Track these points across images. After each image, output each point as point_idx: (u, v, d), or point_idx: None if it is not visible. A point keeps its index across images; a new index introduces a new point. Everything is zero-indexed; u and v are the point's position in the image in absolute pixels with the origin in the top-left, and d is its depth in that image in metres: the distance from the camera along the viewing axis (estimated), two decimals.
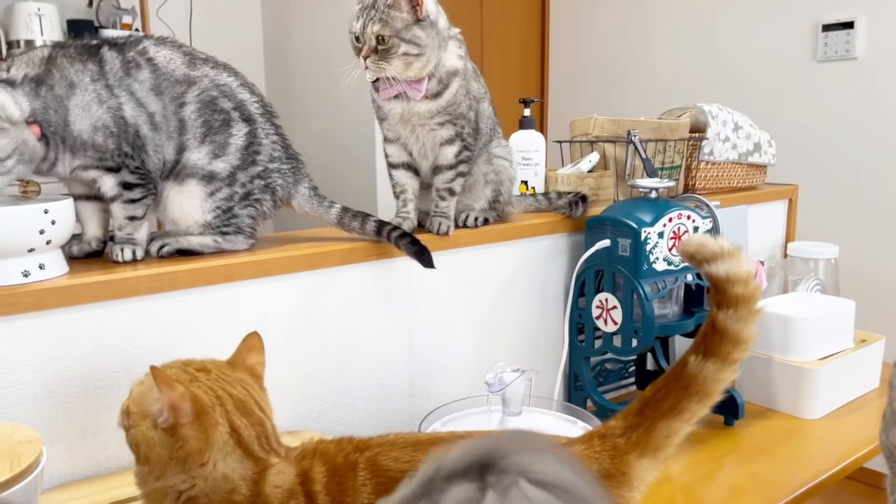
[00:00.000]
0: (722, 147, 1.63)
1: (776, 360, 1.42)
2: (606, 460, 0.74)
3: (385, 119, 1.16)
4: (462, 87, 1.15)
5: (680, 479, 1.22)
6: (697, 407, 0.75)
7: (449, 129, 1.15)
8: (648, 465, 0.75)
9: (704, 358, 0.75)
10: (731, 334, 0.75)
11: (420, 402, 1.24)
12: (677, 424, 0.75)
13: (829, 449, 1.29)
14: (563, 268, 1.40)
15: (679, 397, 0.75)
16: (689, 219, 1.32)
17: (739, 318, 0.75)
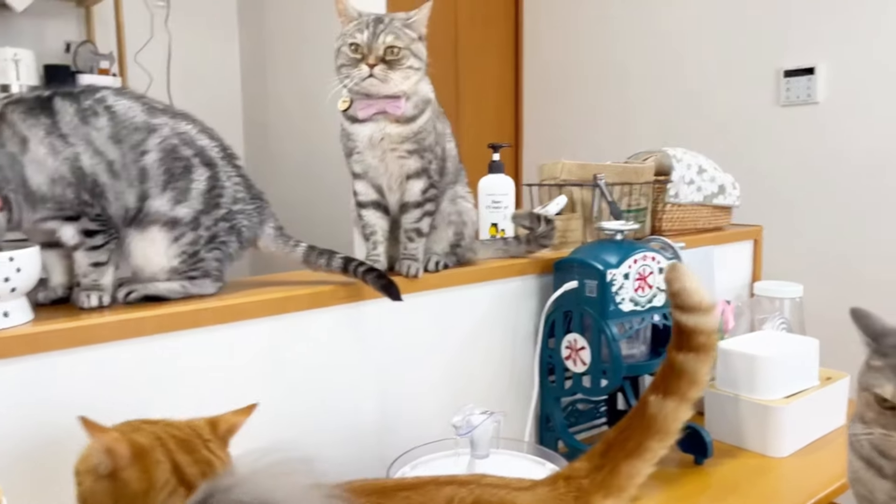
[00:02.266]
0: (687, 189, 1.68)
1: (743, 398, 1.44)
2: (571, 501, 0.75)
3: (354, 149, 1.18)
4: (432, 119, 1.19)
5: None
6: (659, 446, 0.77)
7: (416, 160, 1.17)
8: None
9: (664, 397, 0.77)
10: (689, 374, 0.77)
11: (391, 445, 1.24)
12: (640, 465, 0.77)
13: (798, 486, 1.30)
14: (532, 309, 1.42)
15: (642, 438, 0.77)
16: (654, 260, 1.35)
17: (698, 360, 0.77)
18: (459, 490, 0.78)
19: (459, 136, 2.87)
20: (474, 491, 0.77)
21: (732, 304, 1.68)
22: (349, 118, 1.17)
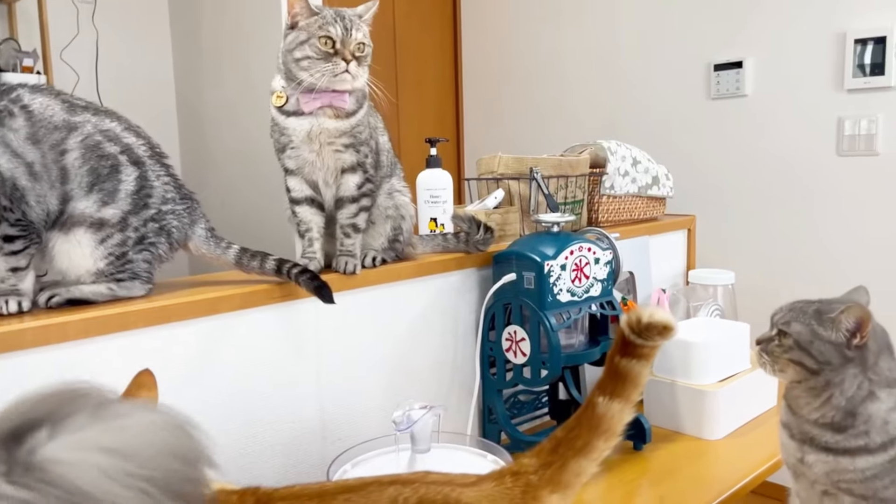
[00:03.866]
0: (622, 181, 1.71)
1: (679, 383, 1.48)
2: (518, 497, 0.76)
3: (288, 144, 1.16)
4: (368, 113, 1.18)
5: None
6: (605, 446, 0.79)
7: (352, 154, 1.16)
8: (558, 501, 0.77)
9: (611, 399, 0.79)
10: (633, 378, 0.79)
11: (332, 445, 1.22)
12: (587, 463, 0.78)
13: (732, 467, 1.34)
14: (472, 302, 1.42)
15: (590, 437, 0.79)
16: (590, 251, 1.37)
17: (641, 366, 0.79)
18: (403, 490, 0.77)
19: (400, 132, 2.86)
20: (418, 490, 0.77)
21: (667, 293, 1.72)
22: (284, 113, 1.15)
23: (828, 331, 0.88)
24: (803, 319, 0.90)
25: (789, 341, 0.90)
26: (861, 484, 0.87)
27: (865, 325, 0.87)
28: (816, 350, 0.88)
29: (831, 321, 0.88)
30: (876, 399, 0.87)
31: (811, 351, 0.88)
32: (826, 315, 0.89)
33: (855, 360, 0.87)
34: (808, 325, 0.89)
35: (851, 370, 0.87)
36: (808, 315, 0.90)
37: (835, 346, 0.88)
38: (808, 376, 0.89)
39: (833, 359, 0.88)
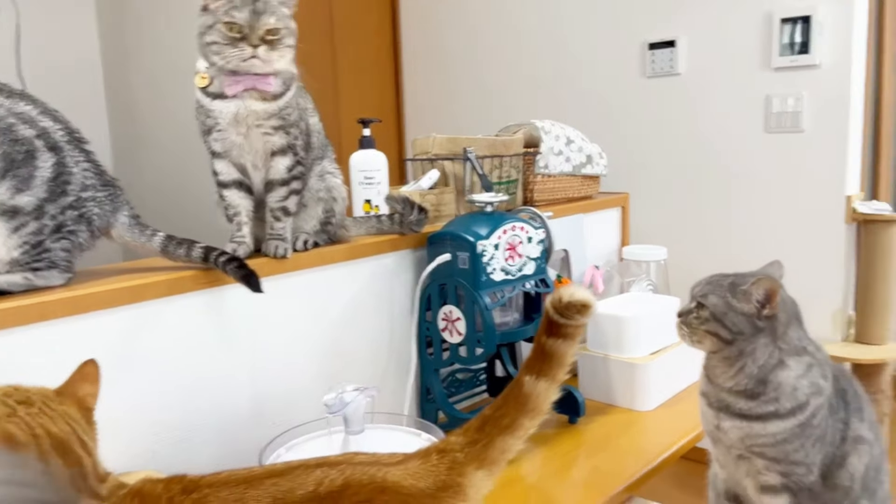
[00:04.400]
0: (556, 160, 1.73)
1: (612, 357, 1.52)
2: (444, 473, 0.77)
3: (214, 127, 1.13)
4: (297, 94, 1.17)
5: (530, 478, 1.27)
6: (530, 424, 0.81)
7: (282, 136, 1.14)
8: (484, 477, 0.79)
9: (537, 378, 0.80)
10: (558, 358, 0.81)
11: (267, 430, 1.22)
12: (513, 440, 0.80)
13: (664, 436, 1.39)
14: (408, 283, 1.43)
15: (516, 415, 0.80)
16: (523, 230, 1.39)
17: (567, 345, 0.81)
18: (330, 471, 0.77)
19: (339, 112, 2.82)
20: (345, 471, 0.78)
21: (601, 269, 1.76)
22: (209, 95, 1.13)
23: (740, 302, 0.92)
24: (719, 292, 0.93)
25: (706, 313, 0.93)
26: (772, 447, 0.91)
27: (774, 297, 0.90)
28: (730, 321, 0.92)
29: (743, 293, 0.92)
30: (786, 367, 0.91)
31: (725, 322, 0.92)
32: (739, 287, 0.92)
33: (765, 330, 0.91)
34: (723, 297, 0.93)
35: (762, 340, 0.91)
36: (724, 288, 0.93)
37: (747, 316, 0.91)
38: (722, 346, 0.92)
39: (745, 329, 0.91)
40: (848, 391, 0.96)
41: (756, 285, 0.91)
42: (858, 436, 0.93)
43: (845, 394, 0.95)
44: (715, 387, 0.96)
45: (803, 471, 0.91)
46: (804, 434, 0.90)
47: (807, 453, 0.90)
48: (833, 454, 0.92)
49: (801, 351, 0.92)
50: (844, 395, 0.95)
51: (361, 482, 0.76)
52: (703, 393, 0.99)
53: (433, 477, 0.77)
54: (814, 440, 0.90)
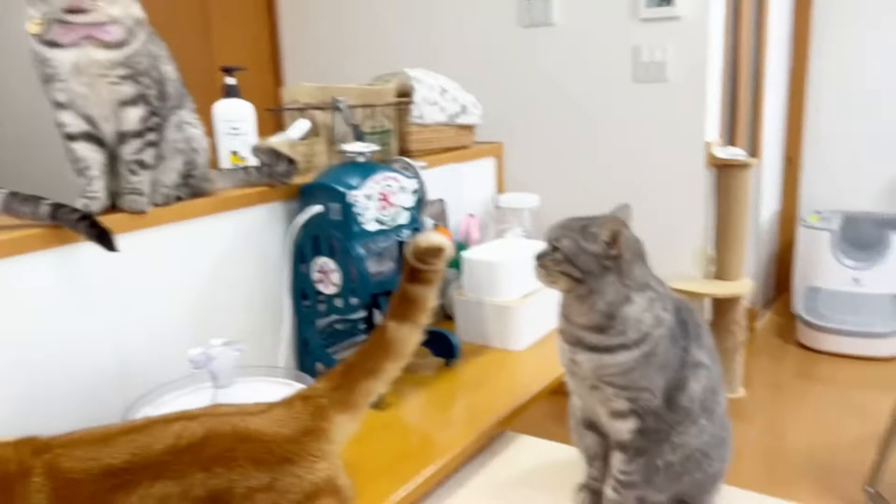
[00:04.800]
0: (430, 110, 1.74)
1: (486, 301, 1.57)
2: (307, 419, 0.78)
3: (55, 76, 1.06)
4: (148, 41, 1.10)
5: (409, 419, 1.31)
6: (393, 367, 0.83)
7: (131, 86, 1.09)
8: (347, 420, 0.81)
9: (400, 323, 0.82)
10: (420, 303, 0.83)
11: (134, 390, 1.19)
12: (376, 384, 0.82)
13: (535, 373, 1.46)
14: (280, 236, 1.41)
15: (380, 360, 0.82)
16: (396, 180, 1.39)
17: (427, 290, 0.83)
18: (190, 424, 0.77)
19: (211, 62, 2.69)
20: (206, 423, 0.77)
21: (476, 217, 1.80)
22: (44, 43, 1.05)
23: (589, 244, 0.97)
24: (571, 235, 0.98)
25: (559, 255, 0.98)
26: (620, 376, 0.98)
27: (619, 238, 0.96)
28: (581, 262, 0.97)
29: (592, 235, 0.97)
30: (631, 302, 0.98)
31: (577, 263, 0.97)
32: (588, 230, 0.97)
33: (613, 268, 0.97)
34: (575, 239, 0.98)
35: (610, 278, 0.97)
36: (575, 231, 0.98)
37: (596, 257, 0.97)
38: (575, 286, 0.98)
39: (594, 268, 0.97)
40: (688, 322, 1.04)
41: (602, 227, 0.96)
42: (697, 361, 1.02)
43: (686, 324, 1.03)
44: (570, 324, 1.01)
45: (648, 396, 0.98)
46: (648, 362, 0.97)
47: (651, 380, 0.98)
48: (674, 379, 1.00)
49: (645, 286, 0.99)
50: (685, 326, 1.03)
51: (223, 432, 0.76)
52: (560, 330, 1.04)
53: (297, 423, 0.78)
54: (657, 367, 0.98)
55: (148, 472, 0.73)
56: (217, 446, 0.75)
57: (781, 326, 3.47)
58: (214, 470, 0.74)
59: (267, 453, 0.75)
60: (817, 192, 3.74)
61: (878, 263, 3.13)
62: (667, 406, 1.00)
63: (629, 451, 1.01)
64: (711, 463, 1.03)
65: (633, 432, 1.00)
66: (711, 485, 1.07)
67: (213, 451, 0.75)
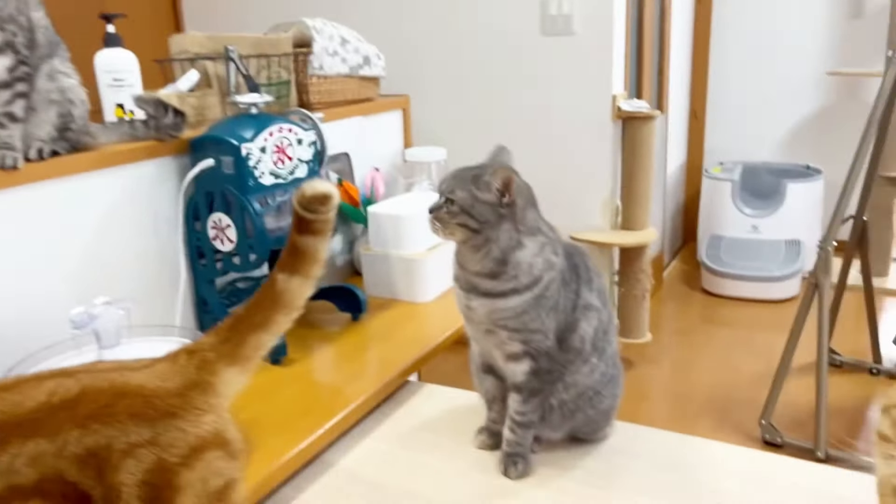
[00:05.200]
0: (331, 61, 1.69)
1: (392, 254, 1.57)
2: (193, 372, 0.76)
3: None
4: None
5: (315, 373, 1.30)
6: (284, 320, 0.81)
7: None
8: (236, 374, 0.79)
9: (290, 275, 0.80)
10: (310, 254, 0.81)
11: (11, 357, 1.13)
12: (266, 336, 0.80)
13: (441, 324, 1.47)
14: (172, 192, 1.35)
15: (269, 312, 0.80)
16: (292, 132, 1.36)
17: (317, 241, 0.81)
18: (65, 381, 0.74)
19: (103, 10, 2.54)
20: (82, 379, 0.74)
21: (382, 172, 1.78)
22: None
23: (483, 193, 0.97)
24: (464, 186, 0.98)
25: (455, 207, 0.98)
26: (513, 320, 1.00)
27: (511, 185, 0.97)
28: (477, 212, 0.97)
29: (485, 184, 0.97)
30: (523, 247, 0.99)
31: (473, 213, 0.97)
32: (481, 179, 0.98)
33: (507, 216, 0.98)
34: (469, 190, 0.98)
35: (506, 225, 0.98)
36: (468, 181, 0.98)
37: (490, 205, 0.97)
38: (472, 236, 0.98)
39: (490, 217, 0.97)
40: (579, 265, 1.06)
41: (494, 176, 0.97)
42: (588, 304, 1.05)
43: (577, 268, 1.06)
44: (465, 271, 1.02)
45: (541, 337, 1.01)
46: (539, 305, 0.99)
47: (543, 322, 1.00)
48: (566, 321, 1.03)
49: (536, 231, 1.01)
50: (576, 269, 1.05)
51: (100, 388, 0.73)
52: (456, 278, 1.05)
53: (181, 377, 0.76)
54: (548, 310, 1.00)
55: (19, 430, 0.70)
56: (94, 402, 0.72)
57: (687, 274, 3.63)
58: (91, 427, 0.71)
59: (148, 408, 0.73)
60: (721, 144, 3.89)
61: (775, 211, 3.30)
62: (559, 347, 1.03)
63: (524, 392, 1.04)
64: (603, 400, 1.07)
65: (527, 374, 1.03)
66: (604, 421, 1.11)
67: (89, 407, 0.72)
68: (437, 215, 1.01)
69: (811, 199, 3.31)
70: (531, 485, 1.03)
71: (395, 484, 1.05)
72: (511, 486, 1.03)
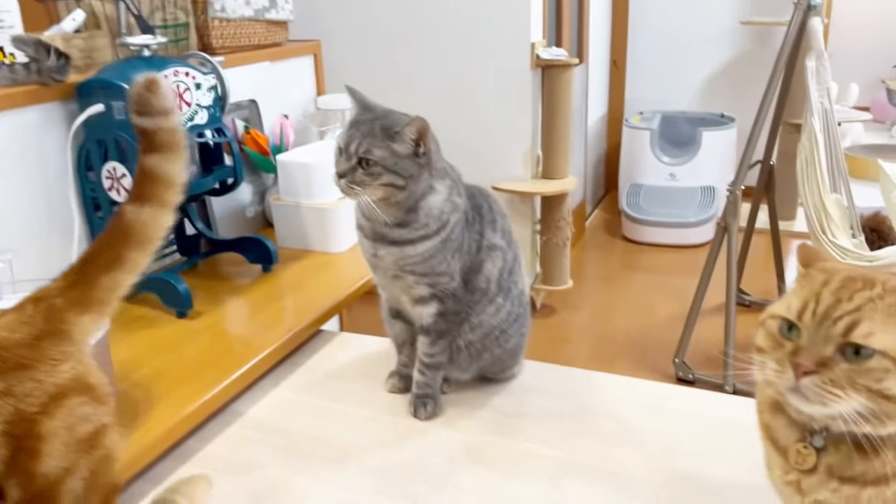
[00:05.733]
0: (233, 3, 1.61)
1: (304, 204, 1.53)
2: (41, 322, 0.70)
3: None
4: None
5: (220, 326, 1.27)
6: (139, 256, 0.74)
7: None
8: (91, 320, 0.73)
9: (141, 205, 0.74)
10: (163, 177, 0.75)
11: None
12: (121, 276, 0.74)
13: (354, 272, 1.45)
14: (60, 141, 1.28)
15: (120, 249, 0.73)
16: (189, 76, 1.29)
17: (168, 160, 0.75)
18: None
19: None
20: None
21: (291, 119, 1.73)
22: None
23: (402, 146, 0.92)
24: (379, 143, 0.92)
25: (378, 168, 0.91)
26: (420, 264, 0.99)
27: (426, 134, 0.93)
28: (401, 168, 0.92)
29: (400, 136, 0.93)
30: (434, 192, 0.97)
31: (398, 170, 0.92)
32: (394, 131, 0.92)
33: (424, 165, 0.95)
34: (386, 146, 0.92)
35: (425, 175, 0.95)
36: (379, 137, 0.92)
37: (410, 158, 0.93)
38: (396, 192, 0.94)
39: (414, 171, 0.93)
40: (483, 206, 1.06)
41: (410, 127, 0.92)
42: (492, 244, 1.04)
43: (480, 208, 1.05)
44: (371, 222, 0.99)
45: (447, 279, 1.00)
46: (445, 248, 0.99)
47: (448, 264, 1.00)
48: (471, 262, 1.02)
49: (444, 174, 0.99)
50: (480, 210, 1.05)
51: None
52: (360, 227, 1.03)
53: (28, 327, 0.70)
54: (453, 252, 1.00)
55: None
56: None
57: (609, 223, 3.71)
58: None
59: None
60: (642, 94, 3.95)
61: (691, 159, 3.39)
62: (465, 288, 1.03)
63: (432, 334, 1.04)
64: (509, 339, 1.08)
65: (434, 316, 1.02)
66: (512, 360, 1.12)
67: None
68: (353, 178, 0.93)
69: (725, 147, 3.42)
70: (440, 424, 1.04)
71: (302, 431, 1.04)
72: (420, 427, 1.04)
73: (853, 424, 0.56)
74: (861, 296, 0.57)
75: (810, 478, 0.62)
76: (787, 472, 0.64)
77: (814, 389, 0.56)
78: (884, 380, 0.55)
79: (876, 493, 0.58)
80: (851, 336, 0.56)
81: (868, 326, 0.55)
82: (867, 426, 0.56)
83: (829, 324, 0.57)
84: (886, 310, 0.56)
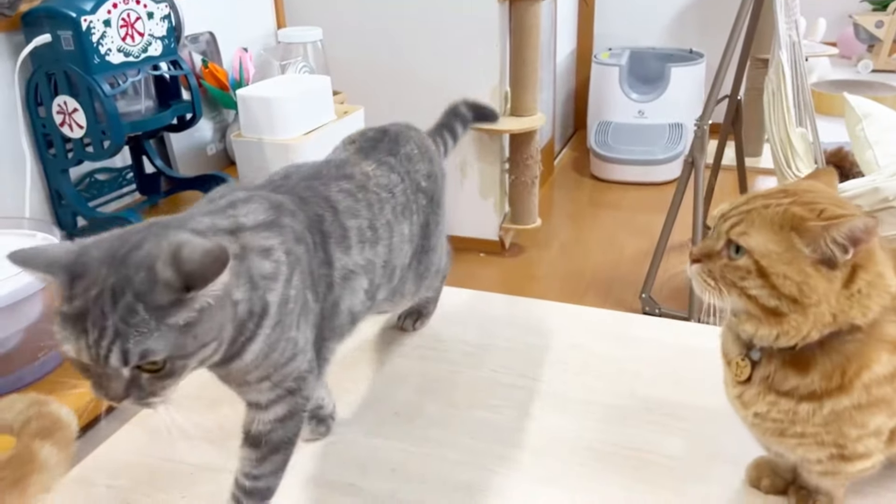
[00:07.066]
0: None
1: (266, 140, 1.49)
2: None
3: None
4: None
5: None
6: None
7: None
8: None
9: None
10: None
11: None
12: None
13: None
14: (6, 74, 1.22)
15: None
16: (141, 4, 1.24)
17: None
18: None
19: None
20: None
21: (250, 52, 1.67)
22: None
23: (177, 315, 0.52)
24: (144, 331, 0.51)
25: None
26: (257, 370, 0.63)
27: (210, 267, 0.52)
28: (195, 343, 0.54)
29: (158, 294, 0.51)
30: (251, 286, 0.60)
31: (187, 353, 0.53)
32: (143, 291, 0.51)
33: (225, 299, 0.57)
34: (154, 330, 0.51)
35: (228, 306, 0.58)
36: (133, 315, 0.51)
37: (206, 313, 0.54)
38: (211, 358, 0.57)
39: (212, 326, 0.55)
40: (324, 217, 0.70)
41: (165, 266, 0.52)
42: (348, 271, 0.72)
43: (321, 222, 0.70)
44: None
45: (297, 363, 0.67)
46: (284, 327, 0.63)
47: (294, 344, 0.66)
48: (322, 311, 0.70)
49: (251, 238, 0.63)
50: (321, 225, 0.70)
51: None
52: None
53: None
54: (296, 323, 0.65)
55: None
56: None
57: (577, 161, 3.71)
58: None
59: None
60: (611, 30, 3.90)
61: (660, 96, 3.37)
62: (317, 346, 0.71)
63: (263, 447, 0.67)
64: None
65: (272, 423, 0.67)
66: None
67: None
68: (138, 397, 0.54)
69: (693, 83, 3.40)
70: (405, 357, 1.04)
71: None
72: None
73: (744, 325, 0.60)
74: (761, 202, 0.60)
75: (749, 390, 0.64)
76: (733, 385, 0.66)
77: (695, 277, 0.61)
78: (746, 279, 0.58)
79: (811, 409, 0.60)
80: (730, 233, 0.60)
81: (745, 227, 0.59)
82: (749, 327, 0.60)
83: (722, 221, 0.61)
84: (769, 216, 0.58)
